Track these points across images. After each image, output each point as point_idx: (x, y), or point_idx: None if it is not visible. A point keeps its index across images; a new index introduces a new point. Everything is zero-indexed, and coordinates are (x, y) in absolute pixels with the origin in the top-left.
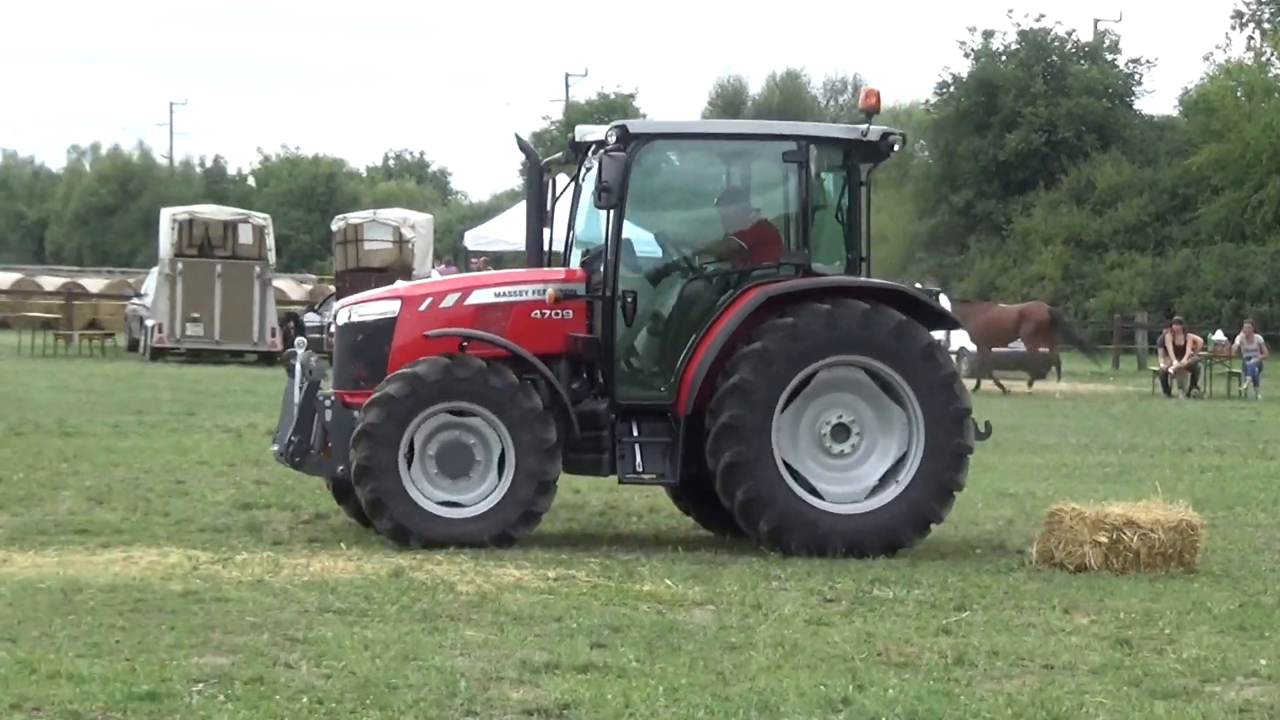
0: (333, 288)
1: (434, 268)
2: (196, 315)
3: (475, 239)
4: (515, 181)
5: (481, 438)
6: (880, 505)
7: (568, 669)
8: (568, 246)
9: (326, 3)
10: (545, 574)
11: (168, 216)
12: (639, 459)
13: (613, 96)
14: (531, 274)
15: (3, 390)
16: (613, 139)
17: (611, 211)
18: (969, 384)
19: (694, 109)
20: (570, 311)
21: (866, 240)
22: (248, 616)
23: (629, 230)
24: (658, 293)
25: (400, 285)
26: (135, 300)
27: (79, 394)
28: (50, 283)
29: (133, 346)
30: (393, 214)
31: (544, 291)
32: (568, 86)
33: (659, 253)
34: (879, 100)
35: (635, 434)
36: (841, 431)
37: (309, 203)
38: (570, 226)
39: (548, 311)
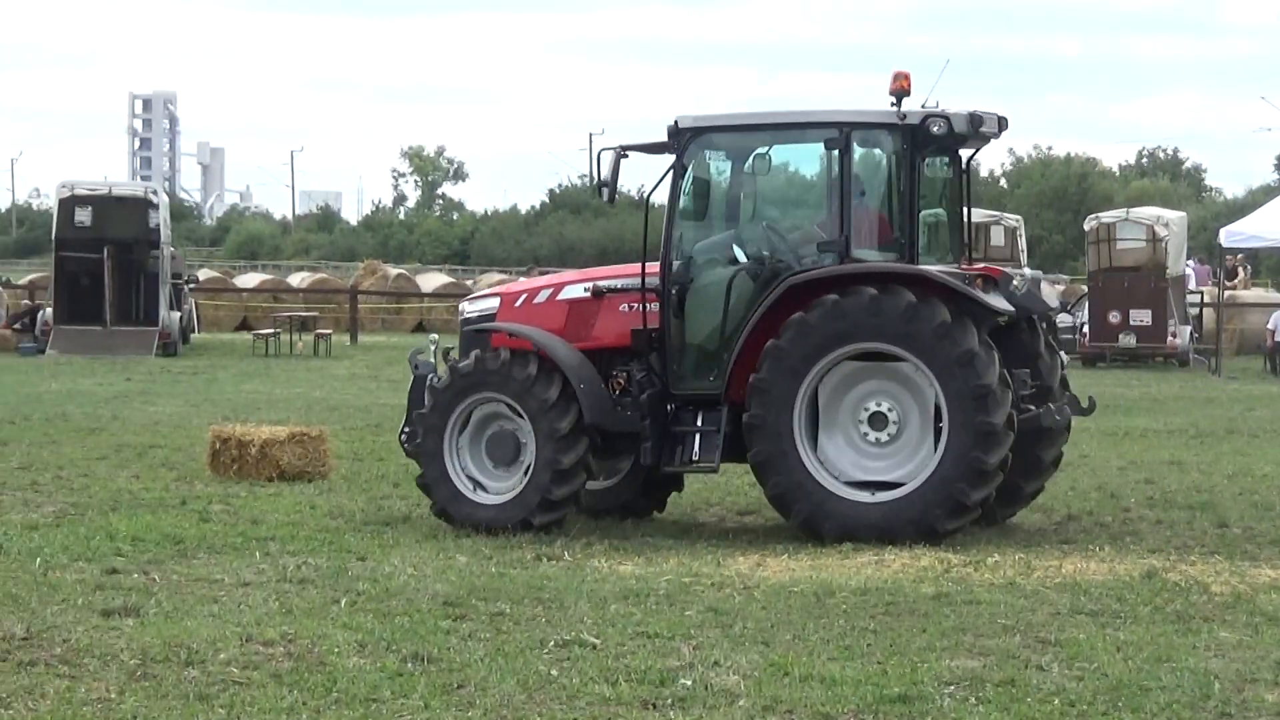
0: (1084, 288)
1: (1186, 266)
2: None
3: (1230, 236)
4: (1270, 175)
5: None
6: (912, 490)
7: None
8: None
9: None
10: None
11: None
12: (696, 448)
13: None
14: (620, 269)
15: None
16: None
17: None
18: None
19: None
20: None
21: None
22: (999, 619)
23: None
24: (718, 285)
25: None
26: None
27: None
28: None
29: None
30: (1146, 212)
31: (616, 286)
32: None
33: (745, 247)
34: (909, 82)
35: (697, 424)
36: (880, 420)
37: (1061, 203)
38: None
39: (634, 305)
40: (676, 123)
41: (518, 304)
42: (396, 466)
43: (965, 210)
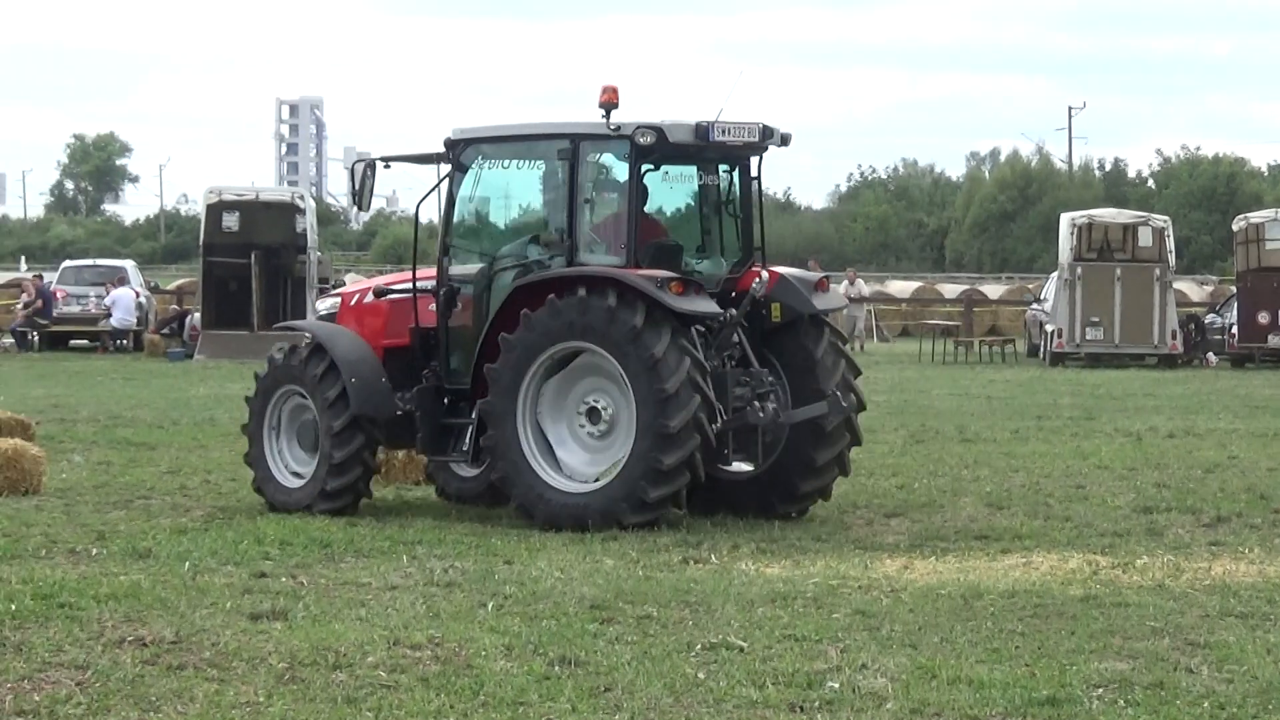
0: (1233, 289)
1: None
2: (1096, 319)
3: None
4: None
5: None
6: (602, 485)
7: None
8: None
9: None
10: None
11: (1067, 221)
12: (466, 440)
13: None
14: (416, 273)
15: (904, 398)
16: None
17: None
18: None
19: None
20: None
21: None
22: (1148, 621)
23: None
24: (476, 286)
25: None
26: (1035, 306)
27: (979, 400)
28: (950, 290)
29: (1032, 352)
30: None
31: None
32: None
33: (498, 249)
34: (616, 95)
35: (469, 417)
36: (595, 414)
37: (1209, 203)
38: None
39: (432, 306)
40: (450, 135)
41: (352, 303)
42: None
43: (753, 215)
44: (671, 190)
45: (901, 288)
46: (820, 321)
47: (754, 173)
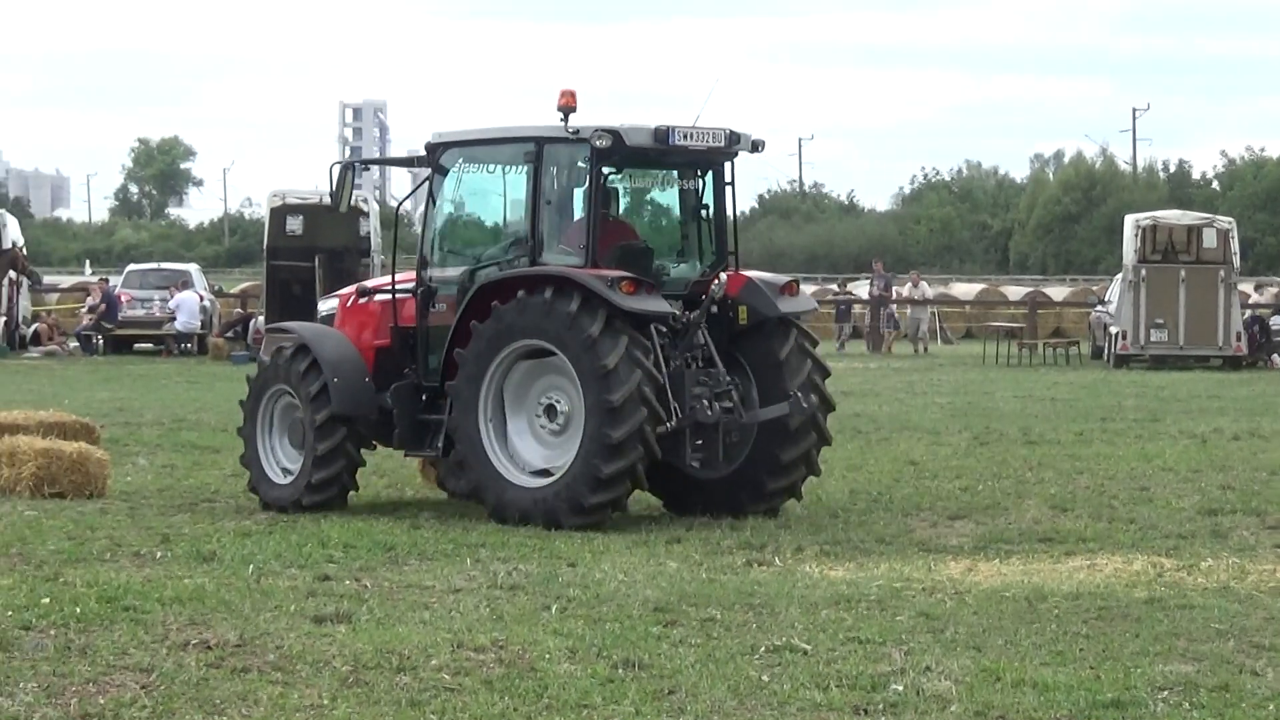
0: None
1: None
2: (1161, 321)
3: None
4: None
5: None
6: (549, 483)
7: None
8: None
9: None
10: None
11: (1131, 223)
12: (441, 437)
13: None
14: (395, 275)
15: (968, 400)
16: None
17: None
18: None
19: None
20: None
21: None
22: (1213, 624)
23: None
24: (451, 285)
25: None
26: (1099, 308)
27: (1043, 402)
28: (1014, 292)
29: (1096, 354)
30: None
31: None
32: None
33: (475, 249)
34: (574, 99)
35: (440, 414)
36: (552, 411)
37: (1274, 205)
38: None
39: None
40: (430, 139)
41: (349, 304)
42: None
43: (726, 220)
44: (647, 194)
45: (965, 290)
46: (788, 324)
47: (727, 178)
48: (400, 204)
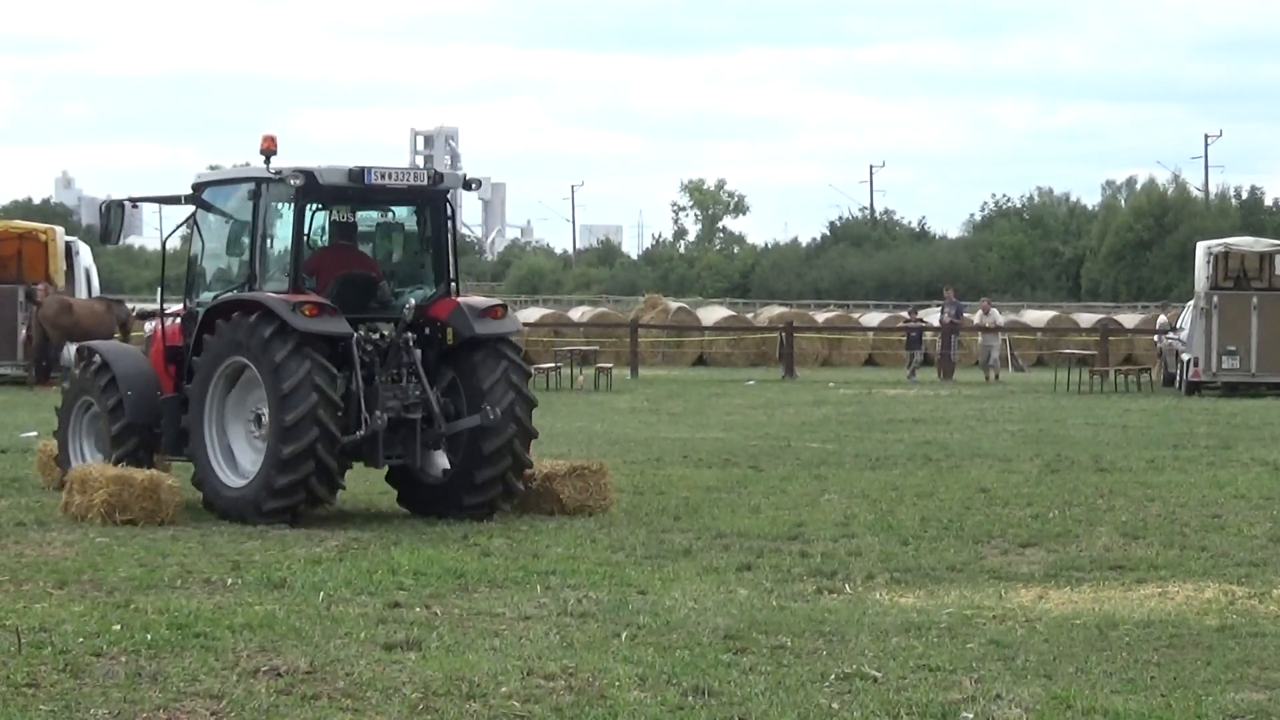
0: None
1: None
2: (1233, 348)
3: None
4: None
5: None
6: (243, 485)
7: None
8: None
9: None
10: None
11: (1203, 250)
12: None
13: None
14: (163, 301)
15: (1039, 427)
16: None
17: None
18: None
19: None
20: None
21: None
22: None
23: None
24: (203, 310)
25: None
26: (1171, 334)
27: (1114, 429)
28: (1086, 319)
29: (1168, 381)
30: None
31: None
32: None
33: (222, 278)
34: (274, 143)
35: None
36: (259, 420)
37: None
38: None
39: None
40: (195, 180)
41: (151, 324)
42: (677, 500)
43: (447, 250)
44: (375, 227)
45: (1036, 317)
46: (493, 345)
47: (448, 213)
48: (166, 238)
